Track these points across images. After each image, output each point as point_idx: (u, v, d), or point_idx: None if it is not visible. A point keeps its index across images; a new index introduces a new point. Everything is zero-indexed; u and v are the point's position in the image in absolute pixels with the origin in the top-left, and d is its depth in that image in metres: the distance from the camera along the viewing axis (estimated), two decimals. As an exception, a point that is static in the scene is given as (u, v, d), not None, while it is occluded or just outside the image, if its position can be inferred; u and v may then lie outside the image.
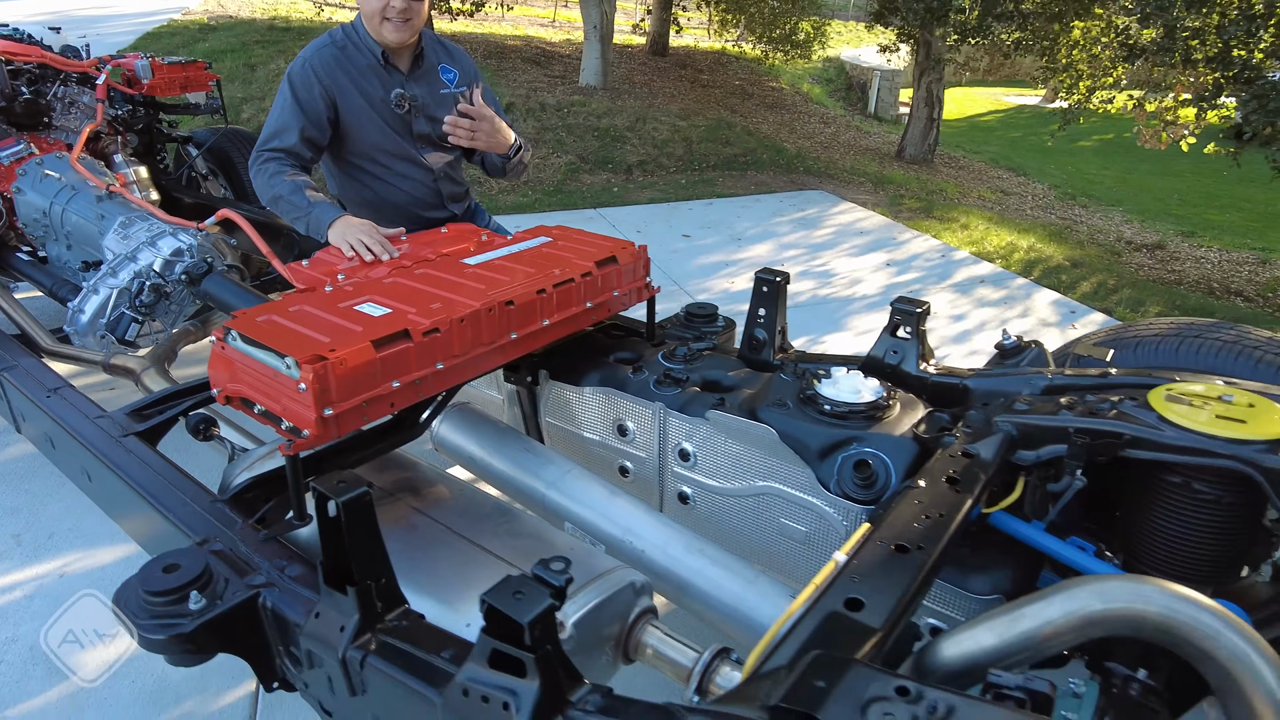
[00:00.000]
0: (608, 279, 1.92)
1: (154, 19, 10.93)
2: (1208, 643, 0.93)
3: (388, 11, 2.23)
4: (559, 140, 7.38)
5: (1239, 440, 1.29)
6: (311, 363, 1.37)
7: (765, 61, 13.66)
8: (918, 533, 1.21)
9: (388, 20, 2.25)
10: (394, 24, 2.26)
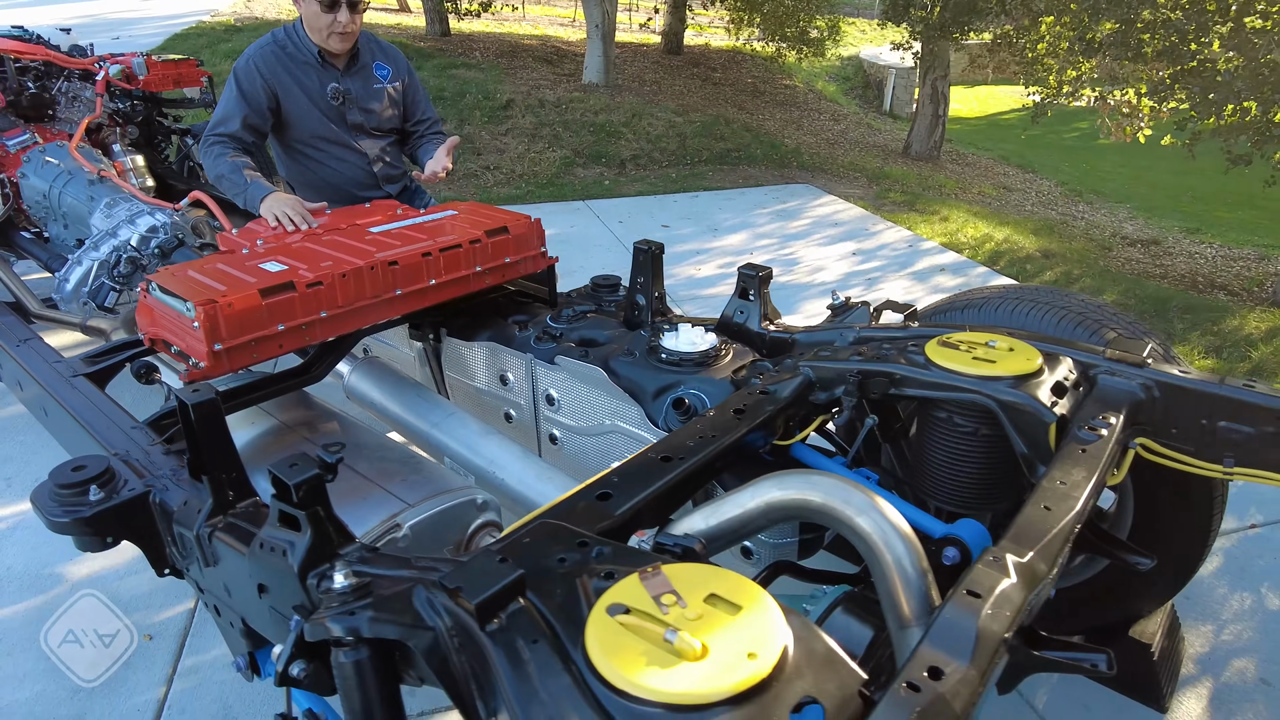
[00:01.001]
0: (499, 247, 2.16)
1: (184, 21, 11.45)
2: (856, 519, 1.14)
3: (334, 27, 2.51)
4: (555, 135, 7.65)
5: (985, 376, 1.49)
6: (204, 305, 1.64)
7: (779, 60, 13.80)
8: (687, 448, 1.43)
9: (334, 35, 2.53)
10: (339, 37, 2.54)
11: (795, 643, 0.86)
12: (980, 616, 0.93)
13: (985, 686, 0.89)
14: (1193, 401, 1.48)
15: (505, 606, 0.92)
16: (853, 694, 0.83)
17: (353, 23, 2.52)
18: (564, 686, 0.82)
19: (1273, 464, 1.43)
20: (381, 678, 1.01)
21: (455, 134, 2.89)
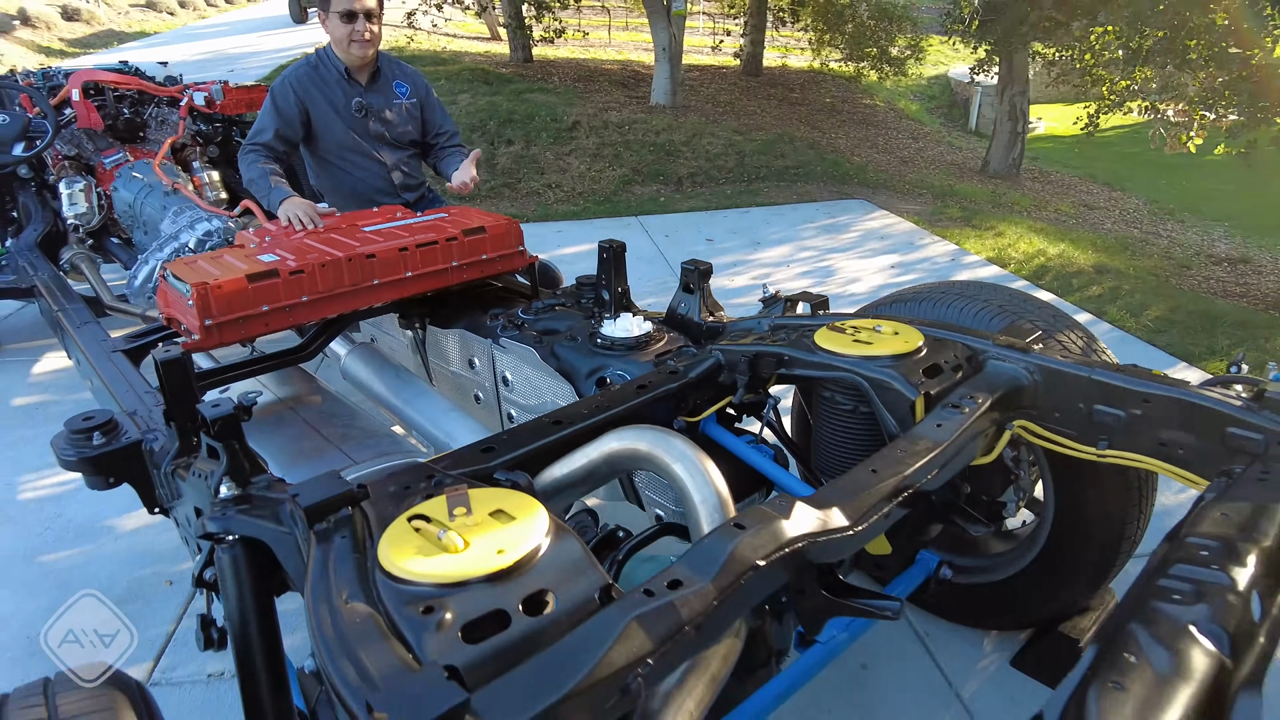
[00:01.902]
0: (475, 245, 2.38)
1: (291, 53, 12.42)
2: (672, 465, 1.28)
3: (354, 35, 2.82)
4: (616, 155, 7.92)
5: (859, 356, 1.60)
6: (197, 286, 1.92)
7: (860, 79, 13.76)
8: (580, 415, 1.59)
9: (354, 41, 2.83)
10: (359, 44, 2.84)
11: (550, 549, 1.02)
12: (736, 544, 1.05)
13: (725, 603, 1.01)
14: (1070, 385, 1.54)
15: (335, 513, 1.11)
16: (591, 593, 0.98)
17: (370, 32, 2.81)
18: (349, 569, 1.00)
19: (1139, 446, 1.48)
20: (254, 576, 1.21)
21: (519, 154, 3.15)
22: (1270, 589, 1.03)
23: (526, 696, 0.83)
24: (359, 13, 2.77)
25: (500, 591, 0.95)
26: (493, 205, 7.14)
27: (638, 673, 0.91)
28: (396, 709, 0.75)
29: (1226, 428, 1.37)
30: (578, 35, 12.70)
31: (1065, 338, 1.85)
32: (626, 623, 0.92)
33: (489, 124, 8.24)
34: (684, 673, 1.02)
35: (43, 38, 14.47)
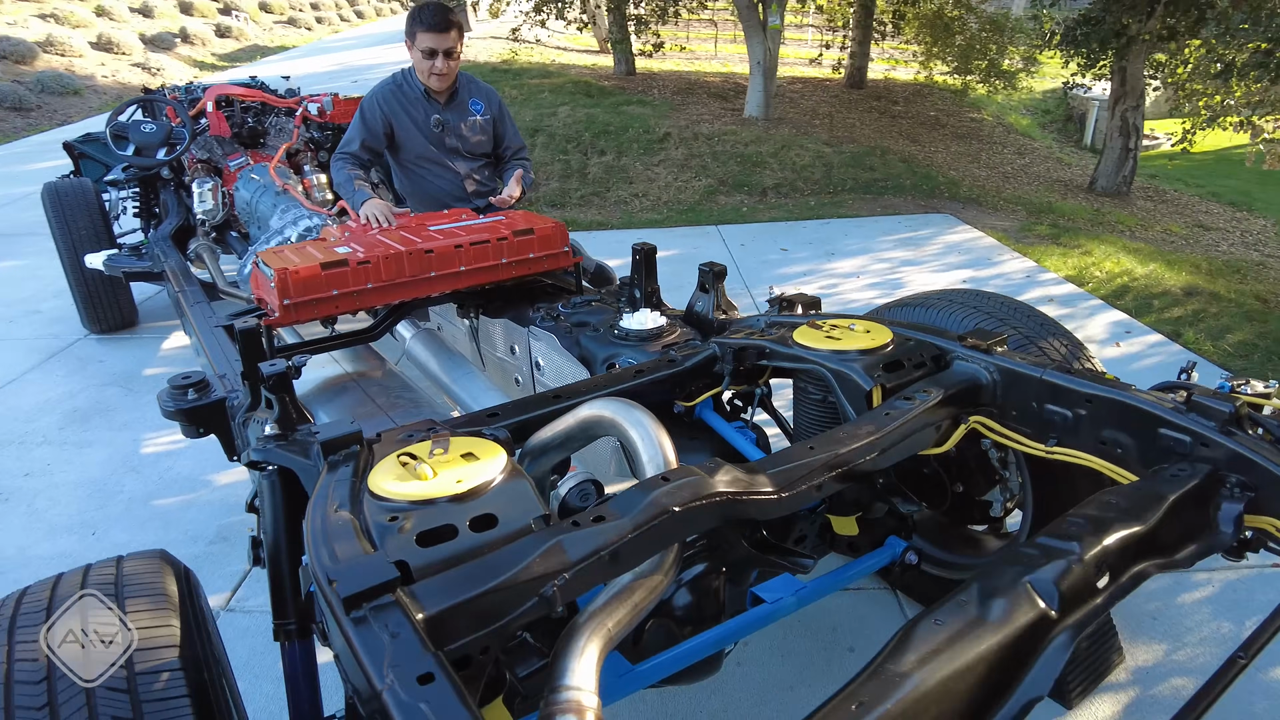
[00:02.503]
0: (524, 244, 2.65)
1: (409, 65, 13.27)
2: (629, 431, 1.49)
3: (433, 70, 3.16)
4: (703, 165, 8.13)
5: (827, 350, 1.76)
6: (279, 271, 2.26)
7: (968, 93, 13.46)
8: (578, 392, 1.82)
9: (433, 75, 3.18)
10: (436, 77, 3.18)
11: (501, 484, 1.25)
12: (656, 493, 1.26)
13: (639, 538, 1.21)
14: (1024, 385, 1.66)
15: (345, 449, 1.38)
16: (528, 519, 1.21)
17: (446, 67, 3.15)
18: (345, 489, 1.26)
19: (1082, 444, 1.58)
20: (286, 498, 1.50)
21: (610, 164, 3.46)
22: (1124, 559, 1.15)
23: (455, 588, 1.07)
24: (439, 51, 3.11)
25: (454, 511, 1.19)
26: (580, 212, 7.49)
27: (554, 583, 1.12)
28: (344, 578, 1.00)
29: (1159, 428, 1.46)
30: (675, 48, 12.97)
31: (1048, 344, 1.94)
32: (551, 543, 1.14)
33: (584, 135, 8.62)
34: (610, 597, 1.23)
35: (198, 53, 15.98)
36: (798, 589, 1.61)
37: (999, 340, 1.75)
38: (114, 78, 13.01)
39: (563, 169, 8.09)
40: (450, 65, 3.18)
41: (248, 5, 19.61)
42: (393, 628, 0.96)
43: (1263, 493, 1.35)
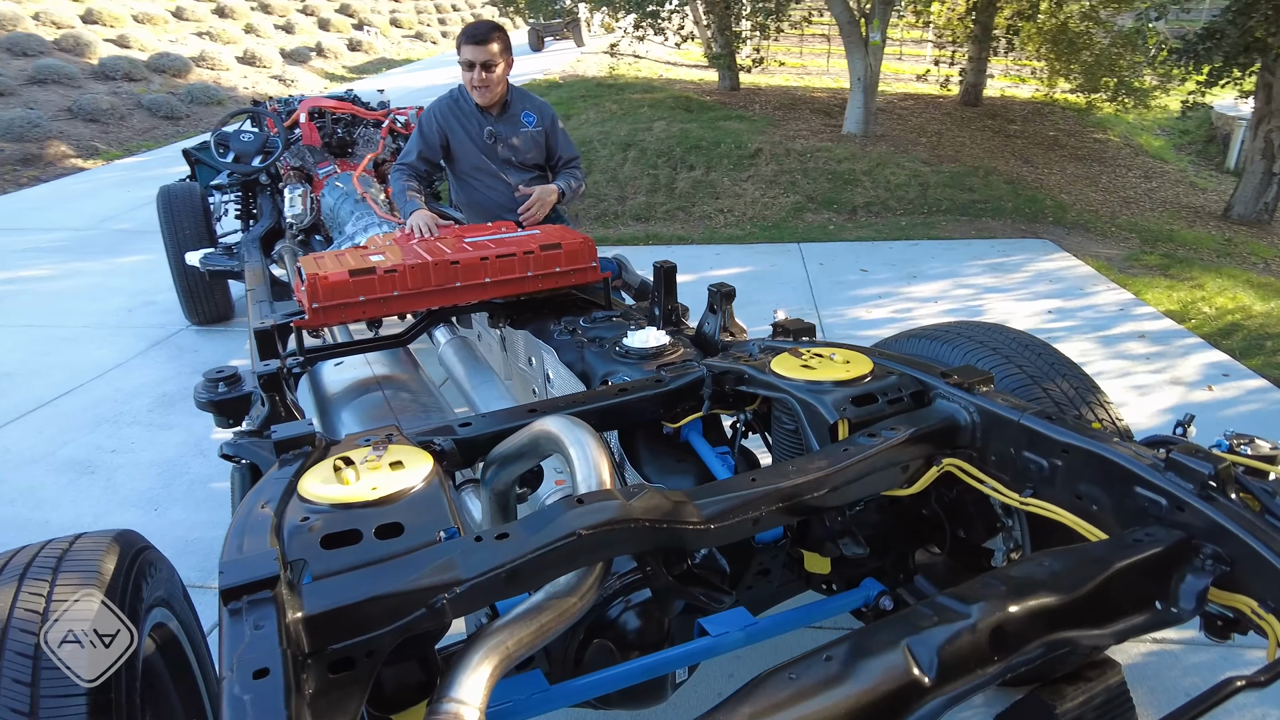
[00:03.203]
0: (550, 259, 2.71)
1: (520, 79, 13.71)
2: (569, 448, 1.49)
3: (473, 82, 3.28)
4: (792, 182, 8.02)
5: (799, 379, 1.72)
6: (310, 277, 2.40)
7: (1093, 111, 12.73)
8: (555, 407, 1.84)
9: (474, 87, 3.30)
10: (477, 90, 3.30)
11: (418, 494, 1.29)
12: (565, 514, 1.26)
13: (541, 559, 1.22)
14: (1003, 429, 1.57)
15: (298, 448, 1.46)
16: (435, 531, 1.24)
17: (485, 79, 3.26)
18: (280, 486, 1.33)
19: (1058, 497, 1.47)
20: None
21: (698, 179, 3.51)
22: (1032, 628, 1.07)
23: (343, 591, 1.11)
24: (476, 64, 3.23)
25: (363, 516, 1.24)
26: (664, 227, 7.54)
27: (444, 596, 1.15)
28: (229, 571, 1.06)
29: (1134, 486, 1.35)
30: (777, 64, 12.86)
31: (1053, 386, 1.82)
32: (448, 556, 1.17)
33: (675, 150, 8.67)
34: (514, 616, 1.25)
35: (330, 66, 17.09)
36: (748, 624, 1.57)
37: (983, 379, 1.65)
38: (253, 89, 14.08)
39: (650, 183, 8.17)
40: (489, 77, 3.28)
41: (379, 21, 20.81)
42: (259, 622, 1.01)
43: (1240, 567, 1.22)
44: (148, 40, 14.27)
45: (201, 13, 16.69)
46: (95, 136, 10.75)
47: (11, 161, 9.57)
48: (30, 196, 8.76)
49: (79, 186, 9.03)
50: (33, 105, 10.67)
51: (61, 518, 3.08)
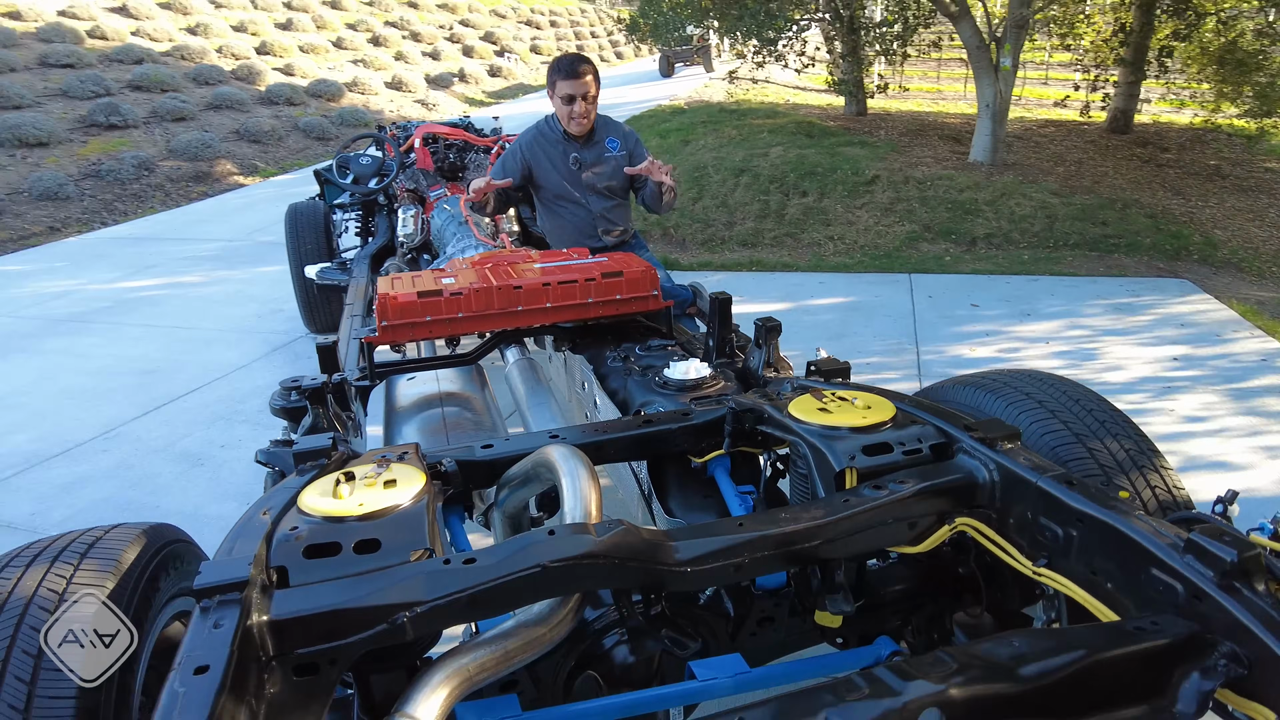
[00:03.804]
0: (611, 286, 2.75)
1: (647, 104, 13.99)
2: (561, 478, 1.52)
3: (572, 115, 3.40)
4: (909, 210, 7.76)
5: (813, 423, 1.67)
6: (380, 296, 2.56)
7: (1265, 138, 11.60)
8: (577, 434, 1.88)
9: (572, 119, 3.41)
10: (575, 121, 3.42)
11: (402, 513, 1.36)
12: (532, 544, 1.29)
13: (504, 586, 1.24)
14: (1020, 490, 1.47)
15: (314, 460, 1.57)
16: (410, 550, 1.30)
17: (585, 110, 3.36)
18: (285, 495, 1.43)
19: (1072, 569, 1.37)
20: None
21: (810, 205, 3.55)
22: (970, 714, 1.00)
23: (311, 600, 1.18)
24: (577, 96, 3.34)
25: (346, 531, 1.31)
26: (770, 253, 7.47)
27: (405, 614, 1.20)
28: (206, 571, 1.15)
29: (1149, 567, 1.23)
30: (899, 88, 12.49)
31: (1100, 446, 1.68)
32: (414, 576, 1.22)
33: (789, 176, 8.59)
34: (481, 640, 1.29)
35: (470, 90, 18.04)
36: (739, 672, 1.54)
37: (1008, 435, 1.55)
38: (398, 112, 15.06)
39: (760, 209, 8.13)
40: (588, 108, 3.38)
41: (520, 48, 21.80)
42: (221, 621, 1.09)
43: (1260, 672, 1.09)
44: (309, 68, 15.57)
45: (358, 42, 18.04)
46: (256, 156, 11.82)
47: (186, 178, 10.67)
48: (196, 210, 9.73)
49: (237, 201, 9.95)
50: (207, 128, 11.87)
51: (171, 504, 3.39)
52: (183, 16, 15.85)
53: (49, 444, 3.98)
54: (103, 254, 7.91)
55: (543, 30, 25.48)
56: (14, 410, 4.43)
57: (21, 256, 7.93)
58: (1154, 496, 1.63)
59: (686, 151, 10.01)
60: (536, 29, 25.41)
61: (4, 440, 4.07)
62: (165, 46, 14.31)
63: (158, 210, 9.74)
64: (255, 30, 16.47)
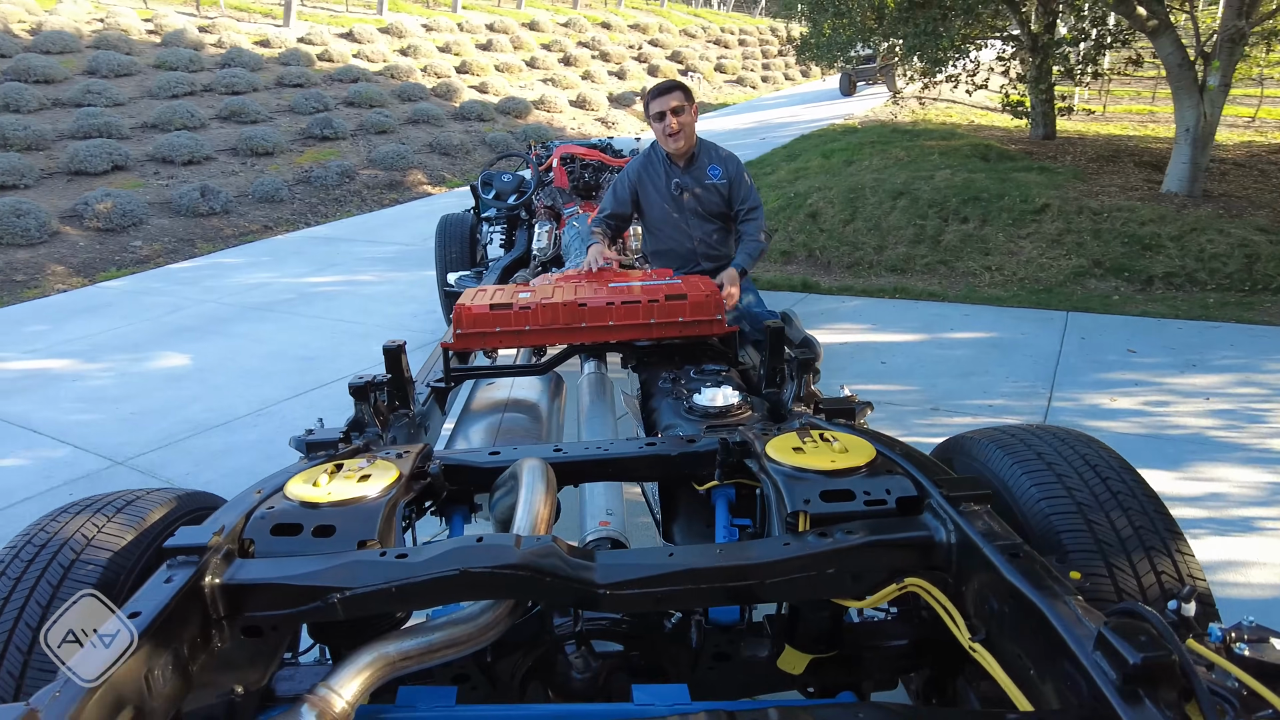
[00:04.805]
0: (674, 308, 2.82)
1: (821, 124, 13.77)
2: (521, 488, 1.61)
3: (667, 130, 3.50)
4: (1079, 243, 7.14)
5: (785, 464, 1.65)
6: (457, 307, 2.79)
7: None
8: (580, 449, 1.97)
9: (667, 135, 3.52)
10: (670, 137, 3.51)
11: (360, 506, 1.52)
12: (458, 549, 1.39)
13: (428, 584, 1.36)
14: (971, 557, 1.40)
15: (322, 450, 1.77)
16: (356, 540, 1.45)
17: (677, 124, 3.45)
18: (279, 479, 1.63)
19: (1003, 651, 1.28)
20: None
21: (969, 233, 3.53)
22: None
23: (259, 572, 1.36)
24: (666, 112, 3.44)
25: (309, 515, 1.48)
26: (919, 280, 7.16)
27: (336, 596, 1.35)
28: (179, 535, 1.36)
29: (1062, 659, 1.14)
30: (1083, 109, 11.45)
31: (1102, 519, 1.54)
32: (349, 562, 1.37)
33: (950, 201, 8.18)
34: (408, 630, 1.41)
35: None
36: (676, 703, 1.55)
37: (976, 495, 1.46)
38: (578, 129, 15.81)
39: (914, 234, 7.80)
40: (680, 122, 3.47)
41: (705, 67, 22.15)
42: (174, 577, 1.28)
43: None
44: (502, 86, 16.71)
45: (550, 61, 19.13)
46: (444, 167, 12.88)
47: (381, 185, 11.83)
48: (384, 215, 10.76)
49: (420, 208, 10.89)
50: (404, 141, 13.08)
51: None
52: (397, 39, 17.55)
53: (215, 415, 4.61)
54: (299, 251, 8.96)
55: (730, 49, 25.74)
56: (198, 384, 5.16)
57: (238, 250, 9.14)
58: (1158, 583, 1.47)
59: (847, 172, 9.78)
60: (725, 48, 25.72)
61: (184, 408, 4.76)
62: (379, 66, 15.92)
63: (353, 214, 10.87)
64: (458, 51, 17.92)
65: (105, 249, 8.70)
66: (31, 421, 4.65)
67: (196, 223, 9.65)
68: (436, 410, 2.88)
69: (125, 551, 1.51)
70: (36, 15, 14.22)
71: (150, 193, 9.88)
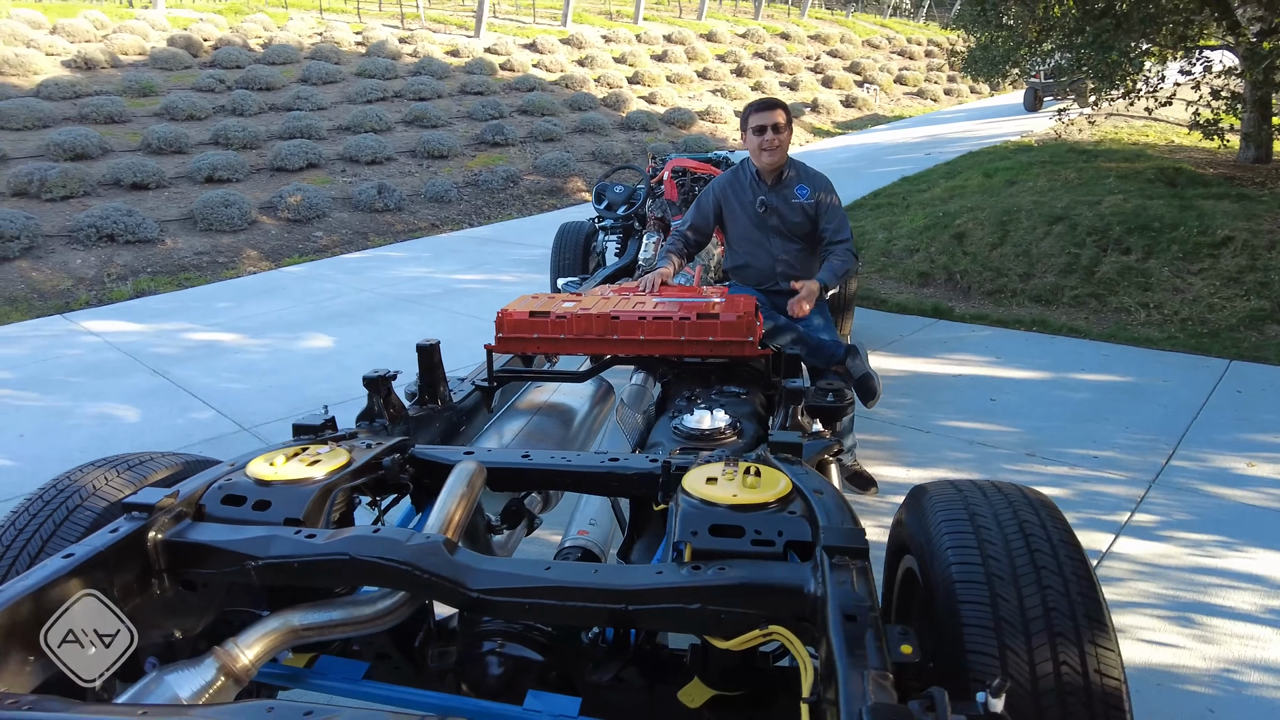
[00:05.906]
0: (705, 327, 2.85)
1: (994, 140, 12.94)
2: (445, 485, 1.73)
3: (763, 144, 3.52)
4: (1262, 282, 6.30)
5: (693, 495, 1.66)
6: (500, 310, 2.97)
7: None
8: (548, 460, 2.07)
9: (764, 150, 3.53)
10: (768, 152, 3.52)
11: (298, 488, 1.70)
12: (354, 536, 1.53)
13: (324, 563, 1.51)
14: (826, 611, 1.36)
15: (308, 434, 1.98)
16: (282, 516, 1.63)
17: (776, 140, 3.46)
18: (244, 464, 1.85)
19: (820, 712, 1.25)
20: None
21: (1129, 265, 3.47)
22: None
23: (195, 534, 1.57)
24: (767, 127, 3.46)
25: (256, 490, 1.68)
26: (1063, 313, 6.62)
27: (251, 564, 1.53)
28: (140, 494, 1.59)
29: None
30: None
31: (1012, 595, 1.42)
32: (264, 535, 1.56)
33: (1113, 229, 7.48)
34: (315, 606, 1.57)
35: (819, 121, 18.23)
36: (561, 714, 1.59)
37: (855, 551, 1.41)
38: (740, 141, 15.82)
39: (1067, 263, 7.20)
40: (779, 139, 3.48)
41: (884, 79, 21.42)
42: (119, 529, 1.51)
43: None
44: (670, 97, 17.05)
45: (722, 72, 19.27)
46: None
47: (542, 191, 12.46)
48: (539, 220, 11.34)
49: (572, 214, 11.37)
50: (569, 149, 13.68)
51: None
52: (577, 50, 18.37)
53: (339, 394, 5.10)
54: (457, 250, 9.65)
55: (915, 60, 24.73)
56: (333, 365, 5.74)
57: (403, 246, 9.99)
58: (1054, 672, 1.34)
59: (1007, 193, 9.17)
60: (909, 59, 24.75)
61: (314, 385, 5.32)
62: (555, 76, 16.75)
63: (513, 217, 11.54)
64: (633, 62, 18.47)
65: (292, 238, 9.81)
66: (193, 386, 5.37)
67: (371, 218, 10.63)
68: (481, 408, 3.07)
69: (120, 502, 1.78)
70: (270, 31, 16.23)
71: (335, 189, 11.01)
